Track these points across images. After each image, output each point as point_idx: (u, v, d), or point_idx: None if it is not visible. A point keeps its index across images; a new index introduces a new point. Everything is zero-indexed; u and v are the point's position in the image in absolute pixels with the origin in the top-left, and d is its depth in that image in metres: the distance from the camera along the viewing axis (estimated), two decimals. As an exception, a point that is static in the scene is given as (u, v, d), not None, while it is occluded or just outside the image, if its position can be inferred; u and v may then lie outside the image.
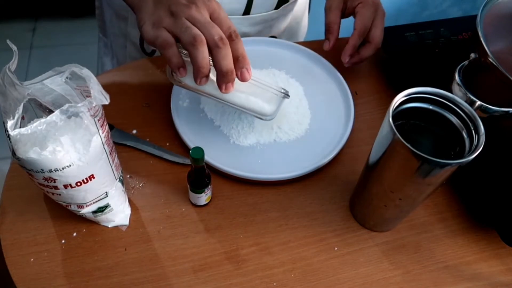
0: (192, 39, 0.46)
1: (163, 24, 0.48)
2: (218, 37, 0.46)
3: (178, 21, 0.47)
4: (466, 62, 0.60)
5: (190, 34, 0.46)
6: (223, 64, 0.47)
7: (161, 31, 0.48)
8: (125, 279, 0.51)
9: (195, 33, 0.46)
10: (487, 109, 0.57)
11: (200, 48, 0.47)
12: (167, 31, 0.48)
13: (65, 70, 0.43)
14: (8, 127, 0.39)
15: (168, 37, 0.48)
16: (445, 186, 0.60)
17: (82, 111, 0.41)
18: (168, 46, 0.48)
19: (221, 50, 0.47)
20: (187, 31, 0.46)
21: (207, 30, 0.47)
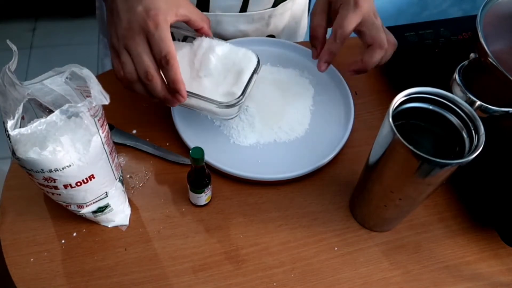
0: (126, 78, 0.51)
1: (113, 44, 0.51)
2: (143, 74, 0.49)
3: (120, 51, 0.50)
4: (466, 62, 0.60)
5: (125, 72, 0.50)
6: (155, 94, 0.51)
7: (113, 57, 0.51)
8: (125, 279, 0.51)
9: (128, 72, 0.50)
10: (487, 109, 0.57)
11: (135, 85, 0.51)
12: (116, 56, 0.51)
13: (65, 70, 0.43)
14: (8, 127, 0.39)
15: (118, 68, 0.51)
16: (445, 186, 0.60)
17: (82, 111, 0.41)
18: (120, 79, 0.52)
19: (148, 86, 0.50)
20: (124, 68, 0.50)
21: (137, 66, 0.49)
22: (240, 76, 0.55)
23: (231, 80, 0.55)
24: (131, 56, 0.49)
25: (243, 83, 0.55)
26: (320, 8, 0.60)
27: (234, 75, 0.55)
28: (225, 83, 0.55)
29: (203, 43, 0.56)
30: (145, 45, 0.48)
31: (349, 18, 0.55)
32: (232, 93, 0.54)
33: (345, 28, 0.55)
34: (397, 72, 0.71)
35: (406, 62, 0.68)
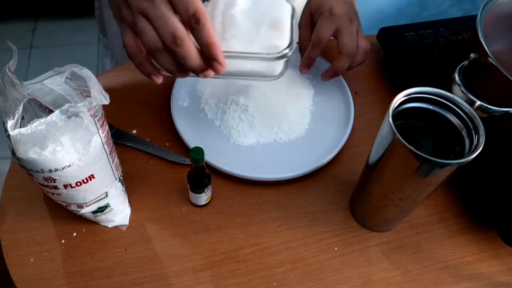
0: (148, 48, 0.41)
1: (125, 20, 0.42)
2: (170, 38, 0.39)
3: (135, 19, 0.40)
4: (466, 62, 0.60)
5: (145, 41, 0.40)
6: (187, 64, 0.41)
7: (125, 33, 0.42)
8: (125, 279, 0.51)
9: (149, 40, 0.40)
10: (487, 109, 0.57)
11: (160, 56, 0.41)
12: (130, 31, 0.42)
13: (65, 70, 0.43)
14: (8, 127, 0.39)
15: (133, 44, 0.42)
16: (445, 186, 0.60)
17: (82, 111, 0.41)
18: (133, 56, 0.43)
19: (178, 53, 0.40)
20: (142, 36, 0.40)
21: (160, 31, 0.39)
22: (277, 26, 0.47)
23: (267, 34, 0.46)
24: (151, 21, 0.39)
25: (286, 31, 0.46)
26: (304, 21, 0.65)
27: (269, 27, 0.47)
28: (259, 39, 0.46)
29: (218, 2, 0.47)
30: (167, 5, 0.39)
31: (324, 28, 0.60)
32: (275, 47, 0.46)
33: (321, 37, 0.60)
34: (397, 72, 0.71)
35: (406, 62, 0.68)
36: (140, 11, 0.39)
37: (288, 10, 0.48)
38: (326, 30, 0.60)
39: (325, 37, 0.60)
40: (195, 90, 0.66)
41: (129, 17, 0.40)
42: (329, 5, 0.60)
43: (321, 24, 0.60)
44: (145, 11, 0.39)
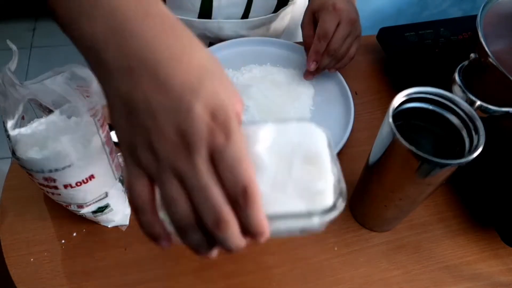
0: (178, 222, 0.30)
1: (140, 160, 0.29)
2: (212, 221, 0.28)
3: (161, 173, 0.28)
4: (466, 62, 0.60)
5: (174, 212, 0.29)
6: (228, 246, 0.30)
7: (135, 178, 0.30)
8: (125, 279, 0.51)
9: (181, 215, 0.29)
10: (487, 109, 0.57)
11: (189, 232, 0.30)
12: (144, 177, 0.30)
13: (65, 70, 0.43)
14: (8, 127, 0.39)
15: (144, 197, 0.30)
16: (445, 186, 0.60)
17: (82, 111, 0.41)
18: (140, 211, 0.31)
19: (220, 236, 0.29)
20: (171, 207, 0.29)
21: (200, 207, 0.28)
22: (313, 160, 0.35)
23: (301, 172, 0.35)
24: (186, 189, 0.28)
25: (325, 165, 0.35)
26: (307, 20, 0.66)
27: (303, 163, 0.35)
28: (293, 179, 0.34)
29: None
30: (210, 169, 0.28)
31: (328, 21, 0.62)
32: (316, 191, 0.35)
33: (326, 29, 0.62)
34: (397, 72, 0.71)
35: (406, 62, 0.68)
36: (173, 169, 0.28)
37: (322, 137, 0.37)
38: (330, 23, 0.61)
39: (330, 29, 0.61)
40: (195, 90, 0.66)
41: (151, 167, 0.29)
42: (332, 2, 0.62)
43: (325, 18, 0.62)
44: (181, 173, 0.28)
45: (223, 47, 0.72)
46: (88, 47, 0.29)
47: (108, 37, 0.28)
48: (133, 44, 0.27)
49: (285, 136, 0.36)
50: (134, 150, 0.29)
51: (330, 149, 0.36)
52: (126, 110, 0.28)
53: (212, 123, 0.27)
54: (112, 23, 0.28)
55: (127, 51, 0.27)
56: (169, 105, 0.27)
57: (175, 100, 0.27)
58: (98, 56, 0.28)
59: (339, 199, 0.36)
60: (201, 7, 0.71)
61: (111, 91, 0.29)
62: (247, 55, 0.71)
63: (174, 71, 0.27)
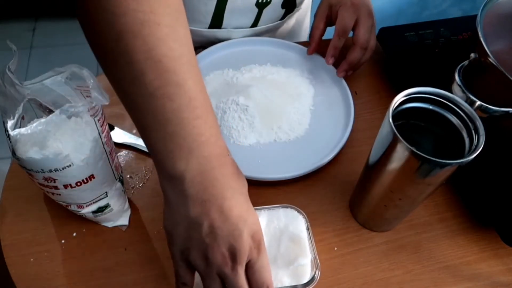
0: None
1: (191, 261, 0.40)
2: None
3: (209, 274, 0.40)
4: (466, 62, 0.60)
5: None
6: None
7: (185, 272, 0.41)
8: (125, 279, 0.51)
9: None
10: (487, 109, 0.57)
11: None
12: (190, 272, 0.42)
13: (65, 70, 0.43)
14: (8, 127, 0.39)
15: (189, 283, 0.42)
16: (445, 186, 0.60)
17: (82, 111, 0.41)
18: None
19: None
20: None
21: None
22: (296, 240, 0.50)
23: (287, 249, 0.49)
24: (227, 284, 0.40)
25: (306, 246, 0.49)
26: (322, 11, 0.67)
27: (288, 243, 0.49)
28: (281, 253, 0.49)
29: None
30: (244, 276, 0.40)
31: (347, 17, 0.64)
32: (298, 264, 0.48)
33: (346, 26, 0.64)
34: (397, 72, 0.71)
35: (406, 62, 0.68)
36: (219, 272, 0.39)
37: (302, 221, 0.51)
38: (349, 20, 0.64)
39: (349, 26, 0.64)
40: (195, 90, 0.66)
41: (201, 268, 0.40)
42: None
43: (344, 14, 0.64)
44: (225, 276, 0.39)
45: (223, 47, 0.72)
46: (171, 175, 0.39)
47: (196, 178, 0.38)
48: (213, 186, 0.38)
49: (274, 221, 0.51)
50: (188, 254, 0.40)
51: (308, 231, 0.50)
52: (190, 226, 0.39)
53: (252, 243, 0.39)
54: (203, 168, 0.38)
55: (208, 190, 0.38)
56: (226, 229, 0.38)
57: (232, 226, 0.38)
58: (180, 185, 0.38)
59: (317, 271, 0.48)
60: (212, 19, 0.72)
61: (181, 210, 0.39)
62: (247, 55, 0.71)
63: (233, 206, 0.39)
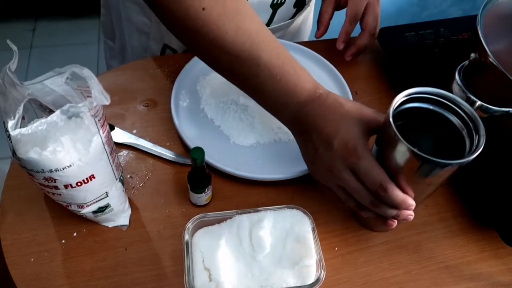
0: (358, 209, 0.49)
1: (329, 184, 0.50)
2: (369, 203, 0.47)
3: (336, 190, 0.49)
4: (466, 62, 0.60)
5: (353, 206, 0.49)
6: (388, 214, 0.47)
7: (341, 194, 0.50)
8: (125, 279, 0.51)
9: (354, 206, 0.49)
10: (487, 109, 0.57)
11: (367, 213, 0.49)
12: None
13: (65, 70, 0.43)
14: (8, 127, 0.39)
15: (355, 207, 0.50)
16: (445, 186, 0.60)
17: (83, 111, 0.41)
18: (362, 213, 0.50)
19: (378, 211, 0.47)
20: (350, 204, 0.49)
21: (360, 201, 0.47)
22: (302, 241, 0.50)
23: (293, 250, 0.49)
24: (350, 192, 0.48)
25: (311, 247, 0.49)
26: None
27: (294, 242, 0.50)
28: (286, 254, 0.49)
29: (243, 221, 0.51)
30: (356, 180, 0.46)
31: (358, 4, 0.67)
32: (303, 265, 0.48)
33: (357, 12, 0.67)
34: (397, 72, 0.71)
35: (406, 62, 0.68)
36: (336, 185, 0.49)
37: (307, 222, 0.51)
38: (360, 6, 0.67)
39: (360, 12, 0.67)
40: (195, 90, 0.67)
41: (328, 182, 0.50)
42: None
43: (355, 1, 0.67)
44: (341, 185, 0.48)
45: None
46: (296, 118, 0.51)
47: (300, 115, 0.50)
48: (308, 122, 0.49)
49: (280, 221, 0.51)
50: (321, 175, 0.50)
51: (313, 232, 0.50)
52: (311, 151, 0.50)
53: (346, 152, 0.46)
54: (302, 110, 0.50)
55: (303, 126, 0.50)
56: (324, 147, 0.48)
57: (327, 144, 0.47)
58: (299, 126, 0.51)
59: (322, 272, 0.48)
60: None
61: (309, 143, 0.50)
62: None
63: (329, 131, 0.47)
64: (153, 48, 0.79)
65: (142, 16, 0.76)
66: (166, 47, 0.78)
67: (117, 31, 0.86)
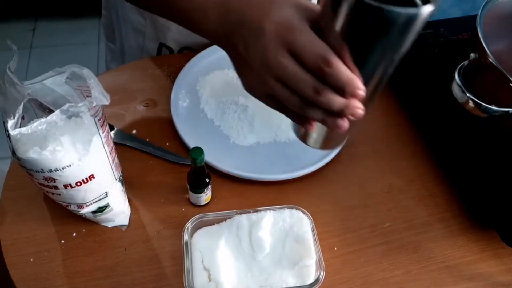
0: (302, 111, 0.40)
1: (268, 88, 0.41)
2: (310, 93, 0.38)
3: (273, 87, 0.40)
4: (466, 62, 0.60)
5: (295, 106, 0.40)
6: (337, 107, 0.38)
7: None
8: (125, 279, 0.51)
9: (296, 105, 0.40)
10: (487, 109, 0.57)
11: (313, 112, 0.40)
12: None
13: (65, 70, 0.43)
14: (8, 127, 0.39)
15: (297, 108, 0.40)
16: (445, 186, 0.60)
17: (83, 111, 0.41)
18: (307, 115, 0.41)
19: (323, 102, 0.38)
20: (291, 103, 0.40)
21: (300, 92, 0.38)
22: (301, 241, 0.50)
23: (292, 250, 0.49)
24: (288, 83, 0.39)
25: (310, 247, 0.49)
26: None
27: (293, 243, 0.50)
28: (286, 254, 0.49)
29: (242, 221, 0.50)
30: (295, 63, 0.38)
31: None
32: (303, 265, 0.49)
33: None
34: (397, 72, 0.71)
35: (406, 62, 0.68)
36: (274, 76, 0.39)
37: (307, 222, 0.51)
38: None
39: None
40: (195, 90, 0.67)
41: (268, 82, 0.40)
42: None
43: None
44: (277, 75, 0.39)
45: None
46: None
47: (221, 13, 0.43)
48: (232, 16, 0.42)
49: (280, 221, 0.50)
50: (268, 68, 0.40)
51: (313, 233, 0.50)
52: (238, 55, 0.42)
53: (281, 29, 0.38)
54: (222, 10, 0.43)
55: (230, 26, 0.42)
56: (254, 38, 0.40)
57: (255, 32, 0.39)
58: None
59: (321, 272, 0.47)
60: None
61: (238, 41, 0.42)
62: None
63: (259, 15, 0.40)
64: (149, 48, 0.79)
65: (138, 16, 0.76)
66: (163, 45, 0.77)
67: (117, 32, 0.86)
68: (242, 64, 0.43)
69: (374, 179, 0.61)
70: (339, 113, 0.39)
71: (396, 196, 0.60)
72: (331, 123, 0.40)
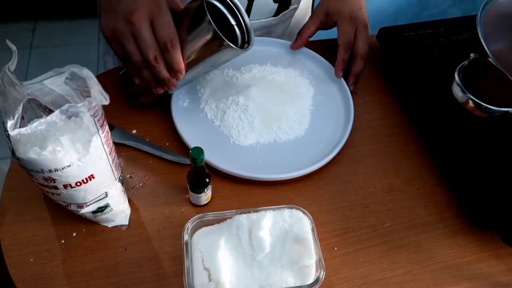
0: (139, 67, 0.53)
1: (117, 36, 0.52)
2: (153, 58, 0.51)
3: (126, 39, 0.51)
4: (466, 62, 0.60)
5: (136, 62, 0.52)
6: (162, 76, 0.53)
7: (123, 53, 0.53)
8: (125, 279, 0.51)
9: (138, 61, 0.52)
10: (486, 109, 0.57)
11: (146, 72, 0.53)
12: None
13: (65, 70, 0.43)
14: (8, 127, 0.39)
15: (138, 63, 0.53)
16: (445, 186, 0.60)
17: (82, 111, 0.41)
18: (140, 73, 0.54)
19: (156, 68, 0.52)
20: (134, 58, 0.52)
21: (146, 51, 0.51)
22: (301, 241, 0.49)
23: (292, 249, 0.49)
24: (138, 42, 0.50)
25: (310, 247, 0.49)
26: (317, 15, 0.71)
27: (293, 243, 0.49)
28: (286, 253, 0.49)
29: (242, 221, 0.50)
30: (151, 31, 0.50)
31: (349, 31, 0.68)
32: (303, 265, 0.48)
33: (349, 39, 0.68)
34: (397, 72, 0.71)
35: (406, 62, 0.68)
36: (131, 32, 0.50)
37: (307, 222, 0.51)
38: (351, 33, 0.68)
39: (352, 39, 0.68)
40: (195, 90, 0.67)
41: (120, 30, 0.51)
42: (348, 10, 0.68)
43: (346, 28, 0.68)
44: (135, 33, 0.50)
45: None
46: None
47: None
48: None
49: (280, 221, 0.50)
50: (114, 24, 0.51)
51: (313, 232, 0.50)
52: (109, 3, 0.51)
53: (152, 3, 0.49)
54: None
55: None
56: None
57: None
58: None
59: (321, 272, 0.47)
60: None
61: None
62: (247, 55, 0.71)
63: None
64: None
65: None
66: None
67: None
68: (109, 10, 0.51)
69: (374, 179, 0.61)
70: (160, 81, 0.53)
71: (396, 196, 0.60)
72: (152, 85, 0.55)
